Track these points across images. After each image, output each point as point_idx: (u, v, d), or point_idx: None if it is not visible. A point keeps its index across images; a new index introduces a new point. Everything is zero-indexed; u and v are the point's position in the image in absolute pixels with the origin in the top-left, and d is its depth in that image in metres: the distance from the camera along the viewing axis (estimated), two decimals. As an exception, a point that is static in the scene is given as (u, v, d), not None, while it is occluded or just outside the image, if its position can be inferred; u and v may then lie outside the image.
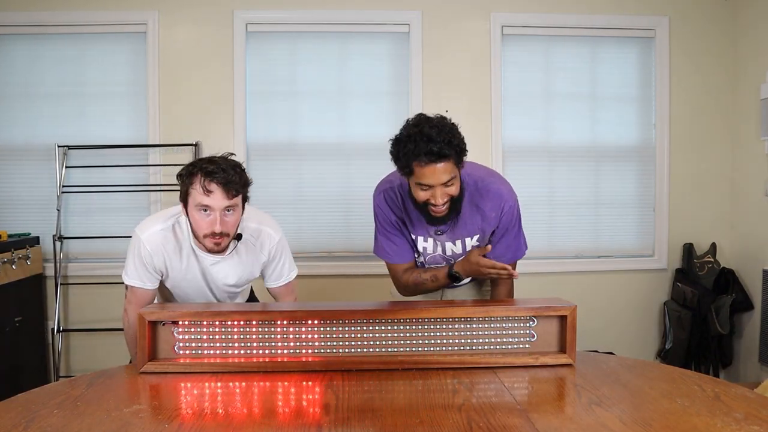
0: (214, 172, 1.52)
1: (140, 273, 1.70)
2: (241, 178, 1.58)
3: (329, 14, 3.20)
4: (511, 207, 1.72)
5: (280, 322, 1.47)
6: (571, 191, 3.34)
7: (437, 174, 1.53)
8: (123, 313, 1.77)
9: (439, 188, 1.55)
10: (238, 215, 1.62)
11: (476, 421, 1.11)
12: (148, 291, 1.73)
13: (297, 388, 1.32)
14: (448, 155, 1.51)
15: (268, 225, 1.79)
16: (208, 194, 1.53)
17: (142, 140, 3.16)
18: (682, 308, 3.22)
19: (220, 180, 1.53)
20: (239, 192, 1.57)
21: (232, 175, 1.54)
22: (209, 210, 1.56)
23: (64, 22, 3.13)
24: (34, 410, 1.18)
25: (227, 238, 1.61)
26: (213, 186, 1.53)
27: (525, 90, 3.31)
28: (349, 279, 3.26)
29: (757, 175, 3.15)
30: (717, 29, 3.32)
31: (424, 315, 1.48)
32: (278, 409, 1.20)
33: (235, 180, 1.54)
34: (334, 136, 3.25)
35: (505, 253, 1.77)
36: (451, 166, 1.53)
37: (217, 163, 1.55)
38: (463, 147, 1.56)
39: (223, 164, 1.55)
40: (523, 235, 1.80)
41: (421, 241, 1.79)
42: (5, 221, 3.16)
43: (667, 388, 1.29)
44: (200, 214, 1.57)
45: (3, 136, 3.17)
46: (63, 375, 3.16)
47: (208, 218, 1.56)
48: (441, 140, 1.49)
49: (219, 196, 1.54)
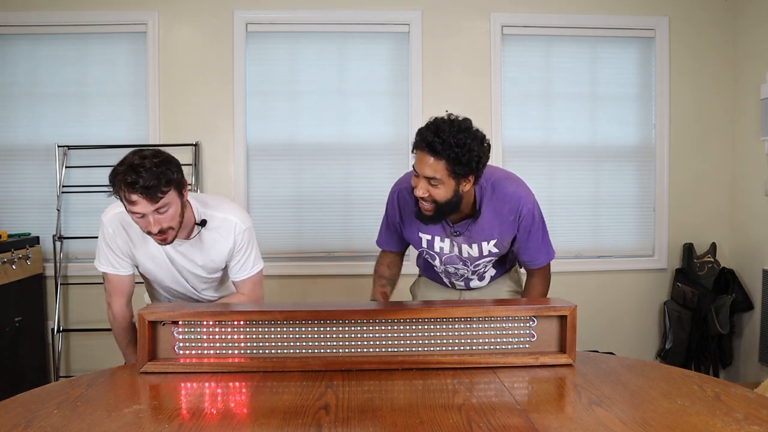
0: (134, 182, 1.47)
1: (109, 257, 1.71)
2: (165, 176, 1.52)
3: (329, 14, 3.20)
4: (529, 209, 1.72)
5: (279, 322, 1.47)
6: (571, 191, 3.34)
7: (423, 164, 1.54)
8: (107, 309, 1.78)
9: (422, 179, 1.56)
10: (175, 209, 1.58)
11: (476, 421, 1.11)
12: (123, 277, 1.74)
13: (297, 388, 1.32)
14: (438, 152, 1.51)
15: (234, 215, 1.77)
16: (133, 204, 1.51)
17: (143, 140, 3.16)
18: (682, 308, 3.22)
19: (140, 190, 1.48)
20: (165, 192, 1.53)
21: (151, 181, 1.48)
22: (141, 215, 1.54)
23: (64, 22, 3.13)
24: (34, 410, 1.18)
25: (172, 231, 1.60)
26: (134, 197, 1.50)
27: (525, 90, 3.31)
28: (349, 279, 3.26)
29: (757, 175, 3.15)
30: (717, 29, 3.33)
31: (424, 315, 1.47)
32: (278, 409, 1.20)
33: (155, 184, 1.49)
34: (334, 136, 3.26)
35: (536, 255, 1.78)
36: (438, 166, 1.52)
37: (137, 170, 1.49)
38: (466, 160, 1.52)
39: (144, 170, 1.49)
40: (549, 238, 1.80)
41: (438, 241, 1.79)
42: (5, 221, 3.16)
43: (667, 388, 1.29)
44: (135, 218, 1.56)
45: (3, 136, 3.18)
46: (63, 375, 3.16)
47: (143, 221, 1.55)
48: (442, 137, 1.50)
49: (144, 204, 1.51)
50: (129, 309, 1.83)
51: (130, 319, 1.84)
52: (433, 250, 1.82)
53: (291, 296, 3.24)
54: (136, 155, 1.54)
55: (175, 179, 1.57)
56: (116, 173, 1.52)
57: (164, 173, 1.52)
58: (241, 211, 1.82)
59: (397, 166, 3.25)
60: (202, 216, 1.73)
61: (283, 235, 3.24)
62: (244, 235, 1.78)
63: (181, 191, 1.61)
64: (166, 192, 1.53)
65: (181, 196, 1.61)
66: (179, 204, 1.60)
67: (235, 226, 1.76)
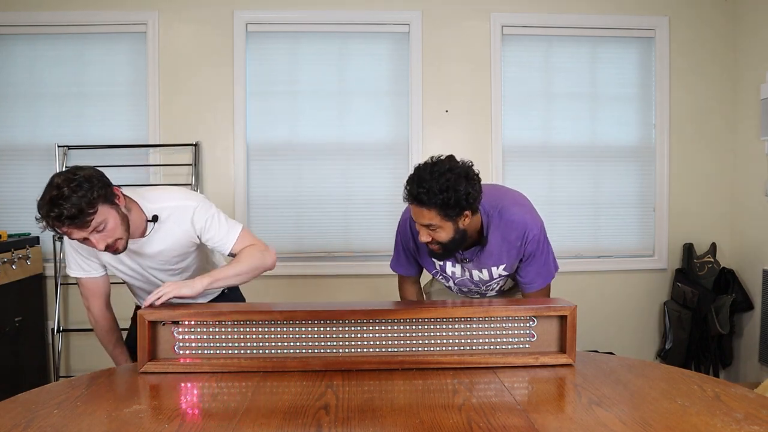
0: (58, 216, 1.43)
1: (78, 261, 1.70)
2: (86, 198, 1.45)
3: (329, 14, 3.20)
4: (535, 235, 1.72)
5: (280, 322, 1.47)
6: (571, 191, 3.34)
7: (417, 215, 1.59)
8: (87, 314, 1.76)
9: (422, 227, 1.61)
10: (114, 221, 1.52)
11: (476, 421, 1.11)
12: (96, 279, 1.72)
13: (297, 388, 1.32)
14: (423, 202, 1.53)
15: (180, 199, 1.70)
16: (69, 234, 1.49)
17: (142, 140, 3.16)
18: (682, 308, 3.22)
19: (66, 222, 1.44)
20: (92, 213, 1.47)
21: (73, 209, 1.43)
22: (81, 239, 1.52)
23: (64, 22, 3.13)
24: (34, 410, 1.18)
25: (121, 241, 1.56)
26: (65, 228, 1.46)
27: (525, 90, 3.31)
28: (349, 279, 3.26)
29: (757, 175, 3.15)
30: (717, 29, 3.32)
31: (424, 315, 1.48)
32: (278, 409, 1.20)
33: (78, 212, 1.43)
34: (334, 136, 3.26)
35: (535, 279, 1.79)
36: (431, 214, 1.55)
37: (56, 203, 1.43)
38: (454, 202, 1.52)
39: (63, 200, 1.42)
40: (552, 259, 1.81)
41: (449, 266, 1.83)
42: (5, 221, 3.16)
43: (667, 388, 1.29)
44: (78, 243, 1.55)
45: (3, 136, 3.17)
46: (63, 375, 3.16)
47: (87, 243, 1.53)
48: (425, 187, 1.52)
49: (78, 232, 1.48)
50: (109, 311, 1.81)
51: (112, 320, 1.81)
52: (445, 273, 1.86)
53: (291, 296, 3.24)
54: (53, 186, 1.46)
55: (100, 195, 1.49)
56: (39, 210, 1.47)
57: (84, 196, 1.45)
58: (186, 193, 1.75)
59: (397, 166, 3.25)
60: (152, 212, 1.66)
61: (283, 235, 3.24)
62: (197, 213, 1.68)
63: (112, 201, 1.53)
64: (93, 213, 1.46)
65: (116, 205, 1.54)
66: (117, 214, 1.53)
67: (185, 209, 1.68)
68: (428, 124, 3.24)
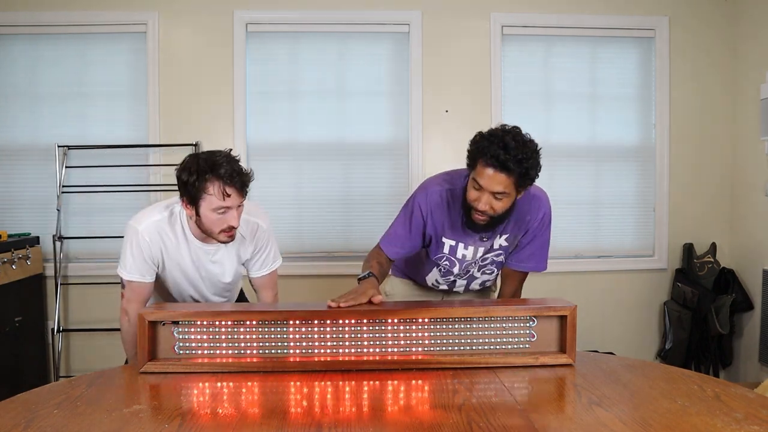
0: (231, 176, 1.56)
1: (139, 265, 1.70)
2: (248, 175, 1.64)
3: (329, 14, 3.20)
4: (545, 214, 1.73)
5: (280, 322, 1.47)
6: (571, 191, 3.34)
7: (492, 180, 1.53)
8: (121, 314, 1.76)
9: (487, 194, 1.55)
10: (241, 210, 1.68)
11: (476, 421, 1.11)
12: (147, 285, 1.74)
13: (297, 388, 1.32)
14: (511, 169, 1.50)
15: (257, 216, 1.83)
16: (226, 198, 1.57)
17: (143, 140, 3.16)
18: (682, 308, 3.22)
19: (237, 183, 1.58)
20: (247, 191, 1.64)
21: (244, 176, 1.60)
22: (226, 209, 1.60)
23: (64, 22, 3.13)
24: (34, 410, 1.18)
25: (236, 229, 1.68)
26: (231, 190, 1.58)
27: (525, 90, 3.31)
28: (349, 279, 3.24)
29: (757, 175, 3.15)
30: (717, 29, 3.32)
31: (424, 315, 1.48)
32: (278, 409, 1.20)
33: (246, 180, 1.61)
34: (334, 136, 3.26)
35: (528, 259, 1.78)
36: (508, 182, 1.52)
37: (229, 165, 1.58)
38: (532, 174, 1.54)
39: (233, 165, 1.59)
40: (547, 249, 1.80)
41: (462, 248, 1.75)
42: (5, 221, 3.16)
43: (667, 388, 1.29)
44: (217, 215, 1.60)
45: (3, 136, 3.17)
46: (63, 375, 3.16)
47: (225, 216, 1.61)
48: (513, 154, 1.50)
49: (235, 197, 1.60)
50: None
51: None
52: (454, 256, 1.78)
53: (291, 296, 3.23)
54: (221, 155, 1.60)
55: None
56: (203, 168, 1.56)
57: (248, 173, 1.64)
58: (259, 209, 1.86)
59: (397, 166, 3.25)
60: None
61: (283, 235, 3.23)
62: (266, 235, 1.85)
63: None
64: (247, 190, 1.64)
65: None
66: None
67: (259, 228, 1.82)
68: (428, 124, 3.24)
